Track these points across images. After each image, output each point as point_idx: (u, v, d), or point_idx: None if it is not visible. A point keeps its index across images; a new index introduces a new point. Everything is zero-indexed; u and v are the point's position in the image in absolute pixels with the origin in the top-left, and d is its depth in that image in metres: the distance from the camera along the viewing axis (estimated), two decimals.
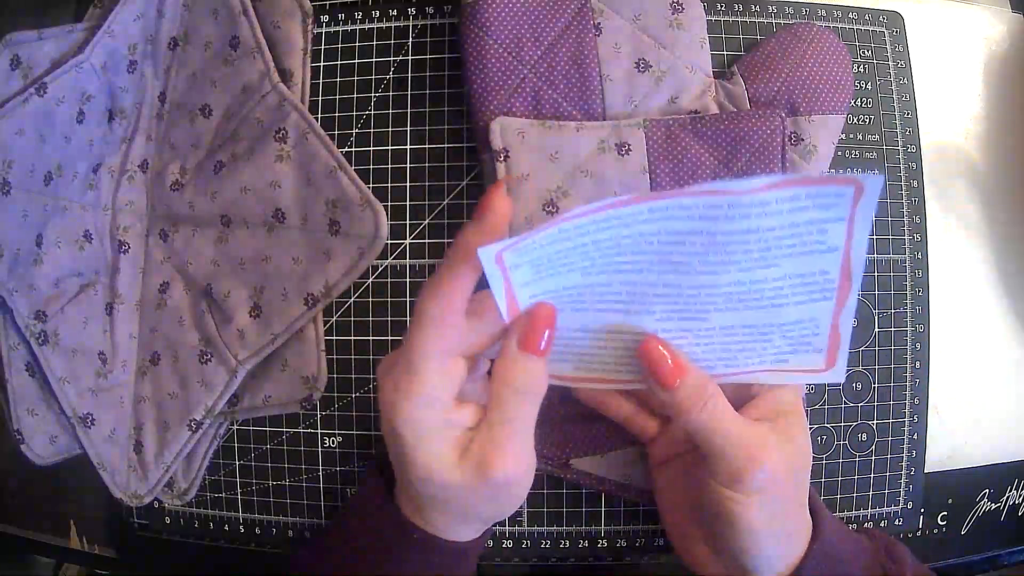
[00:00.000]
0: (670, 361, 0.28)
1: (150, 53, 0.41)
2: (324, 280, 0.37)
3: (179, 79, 0.41)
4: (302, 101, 0.39)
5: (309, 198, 0.38)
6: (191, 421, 0.38)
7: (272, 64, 0.38)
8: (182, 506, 0.40)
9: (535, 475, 0.29)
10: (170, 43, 0.41)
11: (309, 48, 0.39)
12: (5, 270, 0.38)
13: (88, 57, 0.38)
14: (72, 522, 0.43)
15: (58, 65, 0.38)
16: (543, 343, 0.27)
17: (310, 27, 0.39)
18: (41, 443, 0.40)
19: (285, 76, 0.39)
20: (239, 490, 0.40)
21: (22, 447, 0.39)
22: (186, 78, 0.41)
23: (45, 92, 0.37)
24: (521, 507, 0.38)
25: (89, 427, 0.39)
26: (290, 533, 0.39)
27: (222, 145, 0.40)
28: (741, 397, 0.31)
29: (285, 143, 0.38)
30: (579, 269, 0.27)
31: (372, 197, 0.37)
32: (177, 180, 0.41)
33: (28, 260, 0.38)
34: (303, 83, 0.39)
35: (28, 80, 0.38)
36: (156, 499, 0.40)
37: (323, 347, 0.38)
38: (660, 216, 0.26)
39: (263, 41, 0.39)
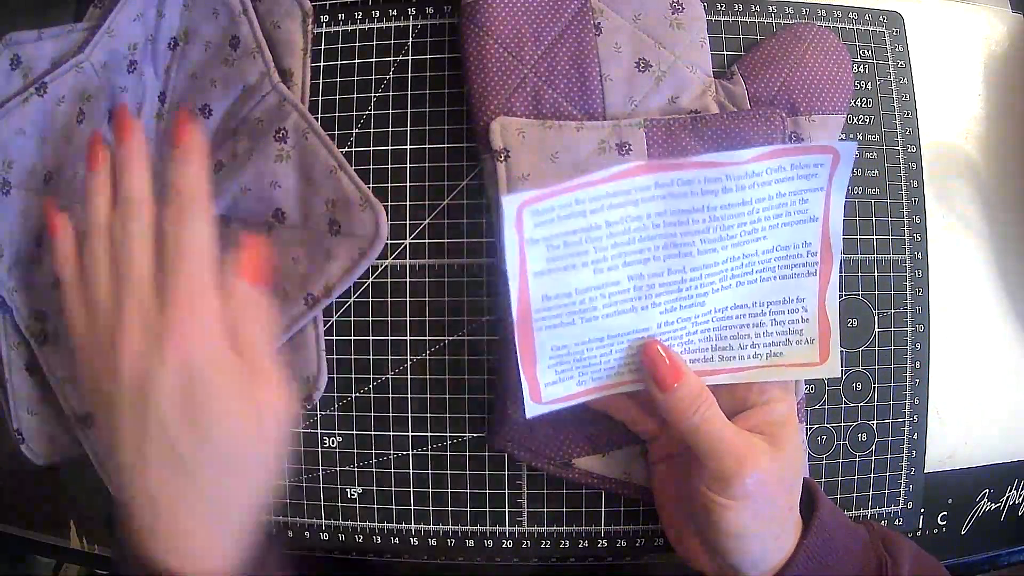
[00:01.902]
0: (668, 362, 0.30)
1: (150, 53, 0.41)
2: (324, 280, 0.37)
3: (179, 79, 0.41)
4: (302, 101, 0.39)
5: (309, 198, 0.38)
6: None
7: (272, 64, 0.38)
8: None
9: (536, 475, 0.29)
10: (170, 43, 0.41)
11: (309, 48, 0.39)
12: (5, 270, 0.38)
13: (88, 57, 0.38)
14: (72, 522, 0.43)
15: (58, 65, 0.38)
16: None
17: (310, 27, 0.39)
18: (41, 443, 0.40)
19: (285, 76, 0.39)
20: None
21: (22, 447, 0.39)
22: (186, 78, 0.41)
23: (45, 92, 0.37)
24: (521, 507, 0.38)
25: (89, 427, 0.39)
26: (290, 533, 0.39)
27: (222, 145, 0.40)
28: (736, 408, 0.32)
29: (285, 143, 0.38)
30: (591, 264, 0.28)
31: (372, 197, 0.37)
32: None
33: (28, 260, 0.38)
34: (303, 83, 0.39)
35: (28, 80, 0.38)
36: None
37: (323, 347, 0.38)
38: (665, 192, 0.27)
39: (263, 41, 0.39)
